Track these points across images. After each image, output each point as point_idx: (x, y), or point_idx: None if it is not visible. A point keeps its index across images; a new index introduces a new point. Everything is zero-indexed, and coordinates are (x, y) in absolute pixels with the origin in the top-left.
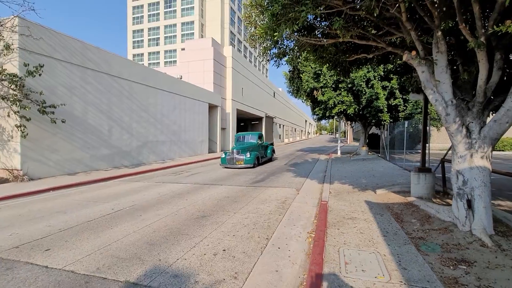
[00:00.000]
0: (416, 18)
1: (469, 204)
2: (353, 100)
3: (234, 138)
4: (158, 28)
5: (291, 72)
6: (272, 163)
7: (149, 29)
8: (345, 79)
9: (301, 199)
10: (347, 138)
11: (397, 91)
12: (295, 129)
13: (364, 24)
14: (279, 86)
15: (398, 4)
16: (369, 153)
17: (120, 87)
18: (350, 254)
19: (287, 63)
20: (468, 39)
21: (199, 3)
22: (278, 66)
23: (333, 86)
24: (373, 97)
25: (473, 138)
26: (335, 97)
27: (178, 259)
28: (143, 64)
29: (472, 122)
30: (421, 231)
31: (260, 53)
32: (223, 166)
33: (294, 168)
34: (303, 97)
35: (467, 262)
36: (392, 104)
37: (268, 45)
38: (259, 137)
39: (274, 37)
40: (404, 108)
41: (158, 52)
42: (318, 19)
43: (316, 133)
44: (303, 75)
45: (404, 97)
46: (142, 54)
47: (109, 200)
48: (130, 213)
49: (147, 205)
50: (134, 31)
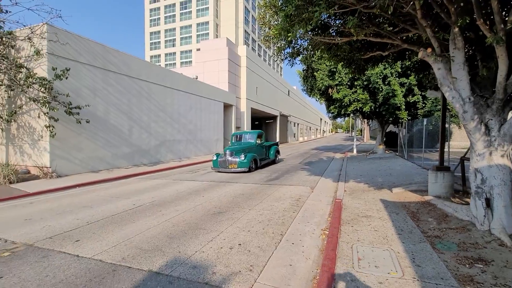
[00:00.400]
0: (432, 14)
1: (488, 203)
2: (369, 98)
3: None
4: (174, 29)
5: (305, 71)
6: (276, 166)
7: (166, 31)
8: (360, 76)
9: (315, 197)
10: (363, 137)
11: (416, 88)
12: (310, 128)
13: (379, 21)
14: (294, 84)
15: (412, 1)
16: (386, 151)
17: (139, 88)
18: (363, 250)
19: (301, 62)
20: (486, 35)
21: (213, 4)
22: (292, 65)
23: (348, 83)
24: (390, 94)
25: (492, 136)
26: (350, 95)
27: (196, 252)
28: (160, 65)
29: (491, 120)
30: (437, 229)
31: (275, 53)
32: (216, 170)
33: (309, 167)
34: (317, 96)
35: (484, 261)
36: (411, 101)
37: (282, 45)
38: (259, 136)
39: (288, 38)
40: (423, 105)
41: (174, 53)
42: (332, 18)
43: (331, 132)
44: (318, 73)
45: (423, 93)
46: (159, 55)
47: (130, 196)
48: (150, 208)
49: (166, 201)
50: (151, 33)
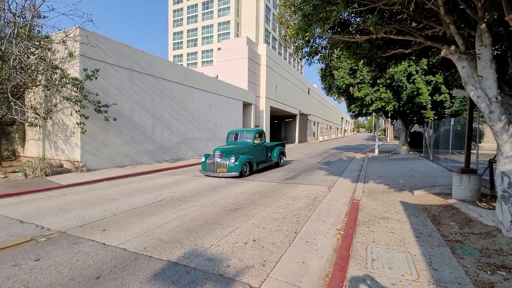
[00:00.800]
0: (457, 10)
1: None
2: (392, 97)
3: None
4: (196, 29)
5: (323, 70)
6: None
7: (188, 31)
8: (383, 74)
9: (332, 197)
10: (387, 137)
11: (443, 86)
12: (331, 127)
13: (401, 18)
14: (315, 82)
15: None
16: (410, 152)
17: (162, 87)
18: (378, 252)
19: (319, 61)
20: None
21: (235, 3)
22: (310, 64)
23: (370, 82)
24: (415, 93)
25: None
26: (372, 94)
27: (212, 245)
28: (182, 64)
29: None
30: (459, 234)
31: (293, 52)
32: (204, 174)
33: (327, 167)
34: (335, 95)
35: (508, 268)
36: (437, 100)
37: (300, 44)
38: (259, 135)
39: (306, 37)
40: (451, 104)
41: (196, 53)
42: (352, 15)
43: (353, 131)
44: (339, 71)
45: (450, 92)
46: (182, 55)
47: (152, 190)
48: (171, 203)
49: (186, 197)
50: (174, 33)
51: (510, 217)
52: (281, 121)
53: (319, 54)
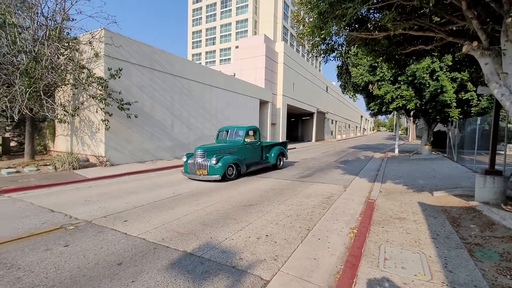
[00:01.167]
0: (482, 3)
1: None
2: (414, 94)
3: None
4: (214, 28)
5: (339, 68)
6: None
7: (207, 30)
8: (405, 71)
9: (347, 196)
10: (409, 136)
11: (469, 83)
12: (349, 125)
13: (421, 13)
14: (333, 80)
15: None
16: (433, 152)
17: (181, 85)
18: (391, 251)
19: (335, 59)
20: None
21: (253, 1)
22: (326, 62)
23: (391, 79)
24: (438, 90)
25: None
26: (393, 91)
27: (226, 239)
28: (201, 63)
29: None
30: (479, 237)
31: (309, 50)
32: (188, 176)
33: (344, 166)
34: (350, 92)
35: None
36: (463, 98)
37: (316, 42)
38: (253, 133)
39: (321, 35)
40: (478, 102)
41: (214, 51)
42: (370, 11)
43: (373, 130)
44: (358, 68)
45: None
46: (200, 54)
47: (171, 185)
48: (188, 197)
49: (202, 192)
50: (193, 32)
51: None
52: (298, 119)
53: (336, 52)
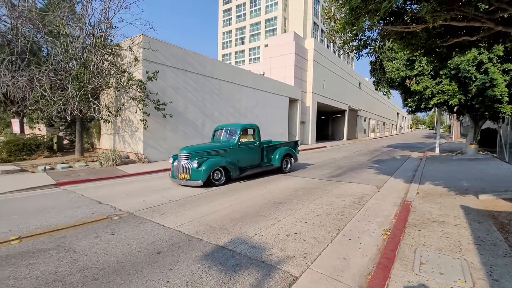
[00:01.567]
0: None
1: None
2: (458, 89)
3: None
4: (244, 27)
5: (372, 63)
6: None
7: (236, 30)
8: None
9: (380, 197)
10: (452, 134)
11: None
12: (384, 123)
13: (464, 1)
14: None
15: None
16: (480, 152)
17: (212, 85)
18: (428, 255)
19: (367, 55)
20: None
21: None
22: (359, 58)
23: (431, 73)
24: (487, 84)
25: None
26: (433, 86)
27: (256, 235)
28: (231, 63)
29: None
30: None
31: (340, 46)
32: (173, 181)
33: (378, 165)
34: (384, 89)
35: None
36: None
37: (348, 38)
38: (248, 132)
39: (353, 31)
40: None
41: (244, 51)
42: (407, 3)
43: (410, 128)
44: (393, 62)
45: None
46: (230, 54)
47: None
48: (219, 194)
49: (233, 189)
50: (223, 33)
51: None
52: (328, 117)
53: (369, 47)
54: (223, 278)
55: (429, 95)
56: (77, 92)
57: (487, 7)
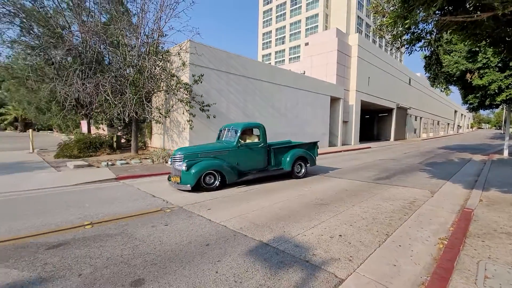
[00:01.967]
0: None
1: None
2: None
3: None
4: (284, 27)
5: (427, 58)
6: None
7: (276, 29)
8: None
9: (435, 202)
10: None
11: None
12: (438, 122)
13: None
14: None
15: None
16: None
17: (253, 86)
18: (494, 269)
19: (421, 49)
20: None
21: None
22: (411, 53)
23: (498, 65)
24: None
25: None
26: (501, 80)
27: (298, 234)
28: (270, 63)
29: None
30: None
31: (390, 41)
32: (169, 183)
33: (431, 168)
34: (442, 85)
35: None
36: None
37: (399, 32)
38: (251, 132)
39: (406, 25)
40: None
41: (284, 50)
42: None
43: (471, 127)
44: (451, 55)
45: None
46: (270, 54)
47: (245, 182)
48: (261, 192)
49: (273, 188)
50: (263, 34)
51: None
52: (373, 116)
53: (423, 41)
54: (268, 273)
55: (496, 90)
56: (134, 96)
57: None
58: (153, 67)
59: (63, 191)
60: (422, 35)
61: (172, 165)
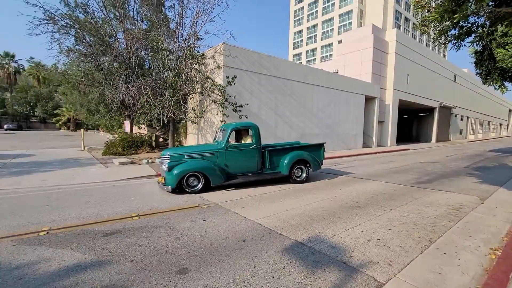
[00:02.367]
0: None
1: None
2: None
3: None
4: (316, 25)
5: (478, 53)
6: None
7: (308, 28)
8: None
9: (485, 210)
10: None
11: None
12: (489, 122)
13: None
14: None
15: None
16: None
17: (284, 86)
18: None
19: (472, 44)
20: None
21: None
22: (459, 49)
23: None
24: None
25: None
26: None
27: (334, 236)
28: (301, 62)
29: None
30: None
31: (435, 37)
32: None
33: (480, 173)
34: (496, 82)
35: None
36: None
37: (445, 27)
38: (248, 132)
39: (454, 19)
40: None
41: (315, 49)
42: None
43: None
44: (506, 48)
45: None
46: (301, 53)
47: (275, 182)
48: (293, 193)
49: (305, 189)
50: (294, 33)
51: None
52: (412, 116)
53: (473, 35)
54: (304, 271)
55: None
56: (172, 98)
57: None
58: (190, 70)
59: (111, 185)
60: (472, 29)
61: (160, 165)
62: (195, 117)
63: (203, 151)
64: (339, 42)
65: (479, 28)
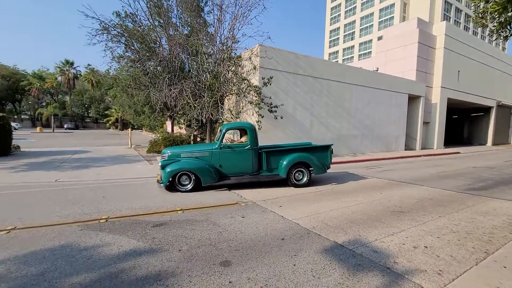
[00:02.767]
0: None
1: None
2: None
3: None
4: (354, 22)
5: None
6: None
7: (345, 25)
8: None
9: None
10: None
11: None
12: None
13: None
14: None
15: None
16: None
17: (320, 86)
18: None
19: None
20: None
21: None
22: None
23: None
24: None
25: None
26: None
27: (376, 240)
28: (338, 61)
29: None
30: None
31: (495, 30)
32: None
33: None
34: None
35: None
36: None
37: (508, 18)
38: (238, 133)
39: None
40: None
41: (353, 47)
42: None
43: None
44: None
45: None
46: (337, 52)
47: (312, 184)
48: (330, 194)
49: (344, 191)
50: (331, 31)
51: None
52: (462, 116)
53: None
54: (345, 273)
55: None
56: (210, 99)
57: None
58: (227, 72)
59: (155, 180)
60: None
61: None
62: (231, 118)
63: (197, 151)
64: (379, 38)
65: None
